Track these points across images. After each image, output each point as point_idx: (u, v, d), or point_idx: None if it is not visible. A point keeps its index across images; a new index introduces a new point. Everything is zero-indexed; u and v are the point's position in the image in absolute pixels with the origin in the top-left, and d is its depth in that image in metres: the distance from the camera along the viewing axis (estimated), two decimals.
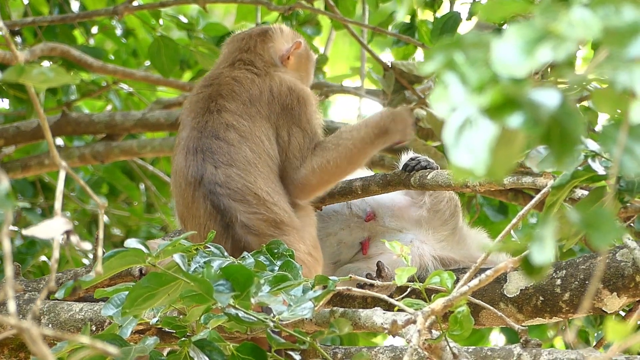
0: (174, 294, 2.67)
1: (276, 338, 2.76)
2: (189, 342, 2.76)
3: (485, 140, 1.73)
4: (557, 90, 1.75)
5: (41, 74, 1.98)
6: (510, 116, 1.74)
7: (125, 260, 2.70)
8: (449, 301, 2.48)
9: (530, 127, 1.74)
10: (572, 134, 1.75)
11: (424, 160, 4.01)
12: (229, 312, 2.69)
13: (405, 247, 3.18)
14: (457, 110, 1.76)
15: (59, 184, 1.90)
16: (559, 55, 1.72)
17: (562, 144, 1.76)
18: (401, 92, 5.17)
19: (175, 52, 5.25)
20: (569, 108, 1.75)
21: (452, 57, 1.78)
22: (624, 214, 2.67)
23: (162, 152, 5.80)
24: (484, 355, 3.25)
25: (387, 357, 3.39)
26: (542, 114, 1.73)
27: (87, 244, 1.96)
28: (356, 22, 5.38)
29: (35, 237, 5.50)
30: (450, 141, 1.76)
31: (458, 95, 1.77)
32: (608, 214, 1.90)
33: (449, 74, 1.78)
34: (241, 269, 2.70)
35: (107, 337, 2.78)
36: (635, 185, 2.58)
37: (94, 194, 1.94)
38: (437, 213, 4.27)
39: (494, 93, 1.74)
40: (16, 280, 4.14)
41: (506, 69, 1.73)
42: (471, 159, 1.74)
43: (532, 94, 1.75)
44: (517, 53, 1.75)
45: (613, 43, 1.73)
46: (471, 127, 1.74)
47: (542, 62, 1.74)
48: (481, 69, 1.76)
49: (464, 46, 1.79)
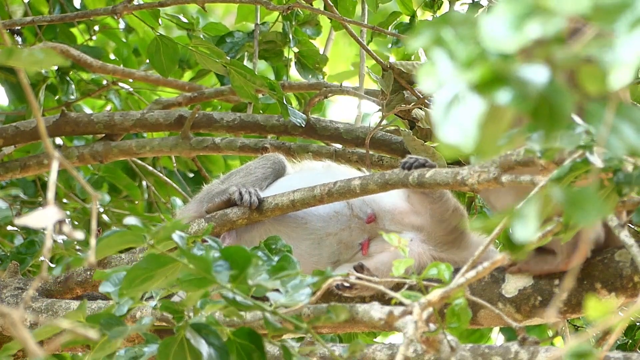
0: (172, 276, 2.67)
1: (273, 323, 2.76)
2: (186, 325, 2.75)
3: (473, 116, 1.73)
4: (546, 67, 1.75)
5: (30, 55, 1.97)
6: (499, 92, 1.74)
7: (124, 239, 2.70)
8: (446, 293, 2.48)
9: (518, 103, 1.74)
10: (560, 111, 1.75)
11: (422, 159, 4.01)
12: (227, 295, 2.69)
13: (403, 239, 3.17)
14: (445, 86, 1.76)
15: (52, 174, 1.90)
16: (548, 30, 1.72)
17: (551, 121, 1.76)
18: (400, 92, 5.18)
19: (175, 51, 5.25)
20: (557, 85, 1.75)
21: (440, 33, 1.78)
22: (622, 208, 2.66)
23: (161, 152, 5.79)
24: (482, 352, 3.25)
25: (384, 354, 3.39)
26: (530, 90, 1.73)
27: (79, 233, 1.95)
28: (355, 22, 5.38)
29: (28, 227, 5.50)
30: (438, 117, 1.76)
31: (446, 72, 1.77)
32: (592, 193, 1.90)
33: (437, 50, 1.78)
34: (240, 251, 2.70)
35: (103, 316, 2.77)
36: (634, 178, 2.58)
37: (89, 186, 1.94)
38: (442, 223, 4.27)
39: (482, 69, 1.74)
40: (15, 278, 4.15)
41: (495, 44, 1.73)
42: (459, 135, 1.74)
43: (521, 70, 1.75)
44: (506, 28, 1.75)
45: (602, 19, 1.73)
46: (459, 103, 1.74)
47: (531, 37, 1.74)
48: (470, 45, 1.76)
49: (452, 23, 1.79)
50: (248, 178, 4.37)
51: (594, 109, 1.88)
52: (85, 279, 4.09)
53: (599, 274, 3.82)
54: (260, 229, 4.24)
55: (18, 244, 6.04)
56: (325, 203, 4.15)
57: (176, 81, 6.17)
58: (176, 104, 6.01)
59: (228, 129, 5.76)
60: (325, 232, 4.24)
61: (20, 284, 4.09)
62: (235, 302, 2.69)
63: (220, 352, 2.73)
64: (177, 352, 2.74)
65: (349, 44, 6.98)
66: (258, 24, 5.83)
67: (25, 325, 3.88)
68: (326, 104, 6.87)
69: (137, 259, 3.90)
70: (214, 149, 5.72)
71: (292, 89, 6.00)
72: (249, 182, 4.34)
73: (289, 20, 5.80)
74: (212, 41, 5.68)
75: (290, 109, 5.26)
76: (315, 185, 4.11)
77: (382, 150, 5.56)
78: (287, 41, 5.84)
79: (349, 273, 3.27)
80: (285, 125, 5.61)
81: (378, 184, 4.02)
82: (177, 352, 2.74)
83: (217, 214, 4.22)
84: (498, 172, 3.56)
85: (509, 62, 1.75)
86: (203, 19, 6.08)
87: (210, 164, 6.57)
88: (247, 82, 5.01)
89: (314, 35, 5.92)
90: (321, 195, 4.10)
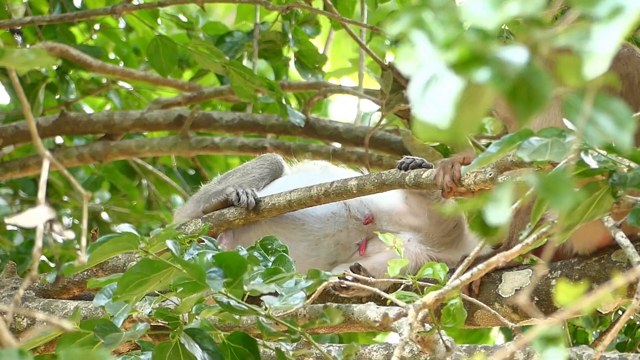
0: (165, 281, 2.67)
1: (267, 327, 2.76)
2: (180, 330, 2.76)
3: (450, 95, 1.72)
4: (524, 48, 1.75)
5: (22, 55, 1.97)
6: (477, 71, 1.73)
7: (118, 246, 2.70)
8: (441, 294, 2.48)
9: (496, 83, 1.73)
10: (538, 92, 1.74)
11: (419, 159, 4.00)
12: (221, 300, 2.69)
13: (399, 239, 3.18)
14: (424, 66, 1.75)
15: (43, 174, 1.90)
16: (527, 8, 1.72)
17: (529, 102, 1.76)
18: (399, 91, 5.18)
19: (174, 51, 5.25)
20: (536, 66, 1.75)
21: (420, 16, 1.78)
22: (617, 209, 2.66)
23: (161, 151, 5.80)
24: (478, 352, 3.26)
25: (380, 355, 3.40)
26: (509, 70, 1.72)
27: (70, 233, 1.96)
28: (355, 21, 5.38)
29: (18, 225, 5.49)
30: (415, 97, 1.75)
31: (425, 53, 1.76)
32: (566, 178, 1.90)
33: (416, 32, 1.78)
34: (234, 256, 2.70)
35: (98, 322, 2.77)
36: (628, 179, 2.57)
37: (79, 186, 1.94)
38: (440, 224, 4.27)
39: (461, 49, 1.73)
40: (12, 278, 4.15)
41: (475, 22, 1.72)
42: (436, 114, 1.72)
43: (500, 50, 1.75)
44: (486, 6, 1.74)
45: (582, 2, 1.72)
46: (437, 82, 1.74)
47: (511, 15, 1.73)
48: (449, 27, 1.76)
49: (432, 7, 1.78)
50: (245, 178, 4.37)
51: (571, 100, 1.88)
52: (82, 278, 4.09)
53: (596, 274, 3.82)
54: (257, 230, 4.24)
55: (18, 242, 6.05)
56: (322, 203, 4.15)
57: (176, 81, 6.17)
58: (176, 103, 6.02)
59: (227, 128, 5.76)
60: (322, 233, 4.24)
61: (17, 284, 4.10)
62: (230, 306, 2.70)
63: (214, 357, 2.74)
64: (172, 356, 2.74)
65: (350, 43, 6.98)
66: (257, 24, 5.83)
67: (22, 324, 3.88)
68: (326, 103, 6.87)
69: (134, 259, 3.90)
70: (213, 148, 5.73)
71: (292, 89, 6.00)
72: (245, 182, 4.34)
73: (289, 20, 5.80)
74: (212, 41, 5.69)
75: (290, 109, 5.26)
76: (312, 186, 4.11)
77: (382, 149, 5.57)
78: (286, 41, 5.84)
79: (345, 273, 3.28)
80: (285, 124, 5.62)
81: (375, 185, 4.02)
82: (171, 357, 2.74)
83: (214, 214, 4.22)
84: (494, 173, 3.56)
85: (487, 43, 1.74)
86: (202, 18, 6.07)
87: (211, 161, 6.58)
88: (247, 81, 5.02)
89: (314, 35, 5.92)
90: (318, 196, 4.10)
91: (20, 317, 3.87)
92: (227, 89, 5.88)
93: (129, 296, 2.67)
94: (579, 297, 1.92)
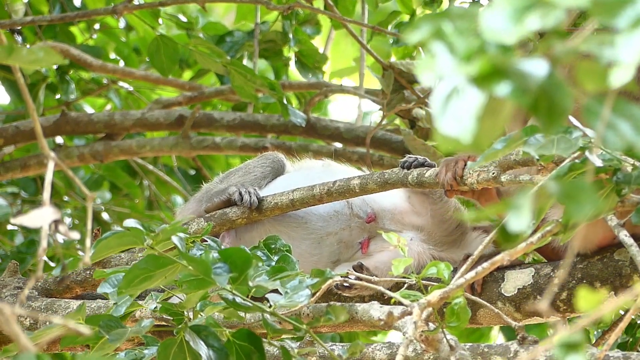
0: (171, 277, 2.66)
1: (272, 325, 2.76)
2: (185, 327, 2.75)
3: (472, 109, 1.72)
4: (545, 60, 1.75)
5: (30, 53, 1.97)
6: (498, 85, 1.73)
7: (123, 240, 2.69)
8: (445, 293, 2.48)
9: (518, 97, 1.73)
10: (560, 105, 1.74)
11: (422, 158, 4.00)
12: (226, 297, 2.69)
13: (402, 238, 3.17)
14: (445, 79, 1.75)
15: (48, 174, 1.90)
16: (547, 23, 1.72)
17: (550, 114, 1.76)
18: (400, 91, 5.18)
19: (175, 51, 5.24)
20: (557, 79, 1.75)
21: (439, 26, 1.78)
22: (621, 208, 2.66)
23: (162, 151, 5.80)
24: (481, 351, 3.26)
25: (384, 353, 3.39)
26: (530, 83, 1.73)
27: (76, 233, 1.95)
28: (355, 21, 5.38)
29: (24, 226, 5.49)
30: (437, 110, 1.75)
31: (445, 64, 1.76)
32: (587, 186, 1.90)
33: (436, 43, 1.77)
34: (239, 252, 2.70)
35: (103, 317, 2.77)
36: (633, 178, 2.57)
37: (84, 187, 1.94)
38: (443, 223, 4.27)
39: (482, 62, 1.73)
40: (15, 278, 4.15)
41: (495, 36, 1.72)
42: (457, 127, 1.73)
43: (520, 63, 1.75)
44: (506, 20, 1.74)
45: (602, 14, 1.73)
46: (458, 96, 1.74)
47: (530, 29, 1.73)
48: (469, 38, 1.76)
49: (451, 17, 1.78)
50: (247, 177, 4.37)
51: (591, 106, 1.88)
52: (85, 278, 4.09)
53: (598, 272, 3.82)
54: (260, 229, 4.23)
55: (19, 242, 6.05)
56: (324, 202, 4.15)
57: (176, 80, 6.17)
58: (176, 103, 6.02)
59: (228, 128, 5.76)
60: (325, 232, 4.24)
61: (20, 283, 4.10)
62: (235, 303, 2.69)
63: (219, 354, 2.73)
64: (177, 353, 2.74)
65: (351, 43, 6.98)
66: (258, 24, 5.83)
67: (25, 324, 3.88)
68: (326, 102, 6.87)
69: (137, 258, 3.90)
70: (214, 148, 5.73)
71: (292, 89, 6.00)
72: (247, 181, 4.34)
73: (289, 20, 5.80)
74: (212, 40, 5.68)
75: (291, 108, 5.26)
76: (315, 185, 4.11)
77: (383, 149, 5.57)
78: (287, 40, 5.84)
79: (348, 272, 3.28)
80: (286, 124, 5.61)
81: (377, 183, 4.02)
82: (176, 354, 2.73)
83: (217, 214, 4.21)
84: (497, 172, 3.56)
85: (508, 55, 1.74)
86: (202, 18, 6.08)
87: (212, 161, 6.58)
88: (247, 81, 5.01)
89: (314, 35, 5.92)
90: (320, 195, 4.10)
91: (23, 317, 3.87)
92: (228, 88, 5.88)
93: (134, 290, 2.66)
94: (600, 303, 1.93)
